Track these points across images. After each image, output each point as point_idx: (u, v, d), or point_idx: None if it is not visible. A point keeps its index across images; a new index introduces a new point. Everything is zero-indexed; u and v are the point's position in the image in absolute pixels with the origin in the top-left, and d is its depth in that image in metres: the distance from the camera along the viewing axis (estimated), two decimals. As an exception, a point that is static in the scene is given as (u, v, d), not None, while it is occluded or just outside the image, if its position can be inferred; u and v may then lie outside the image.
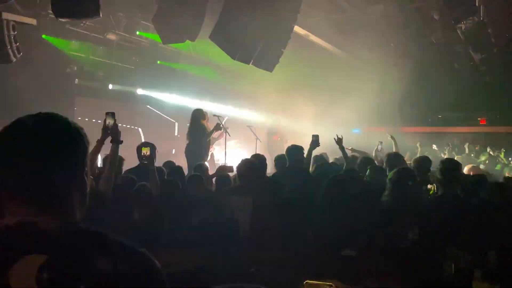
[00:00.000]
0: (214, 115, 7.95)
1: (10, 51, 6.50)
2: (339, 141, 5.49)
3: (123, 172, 5.01)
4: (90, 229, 1.02)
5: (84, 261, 0.93)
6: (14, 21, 6.72)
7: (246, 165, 4.09)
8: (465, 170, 5.72)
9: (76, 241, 0.97)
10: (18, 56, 6.76)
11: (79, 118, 10.51)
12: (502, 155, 9.97)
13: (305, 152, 5.15)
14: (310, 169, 5.28)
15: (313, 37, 11.17)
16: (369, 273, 2.88)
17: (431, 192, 4.25)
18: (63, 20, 5.49)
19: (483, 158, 10.04)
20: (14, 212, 0.99)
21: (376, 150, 6.54)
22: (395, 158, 5.22)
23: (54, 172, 1.01)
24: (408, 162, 5.67)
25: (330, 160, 6.47)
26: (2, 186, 1.02)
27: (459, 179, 3.57)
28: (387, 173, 3.98)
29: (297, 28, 9.30)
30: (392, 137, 7.08)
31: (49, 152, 1.01)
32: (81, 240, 0.98)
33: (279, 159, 5.28)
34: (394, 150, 6.69)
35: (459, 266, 2.38)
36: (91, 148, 3.54)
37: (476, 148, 12.39)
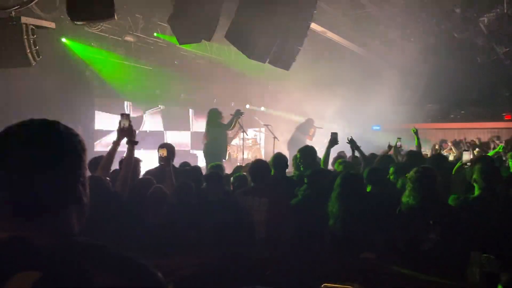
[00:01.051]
0: (231, 114, 7.92)
1: (29, 55, 6.57)
2: (351, 141, 5.38)
3: (142, 173, 5.03)
4: (87, 243, 0.96)
5: (80, 277, 0.88)
6: (33, 25, 6.81)
7: (258, 166, 4.04)
8: None
9: (72, 256, 0.91)
10: (38, 59, 6.84)
11: (99, 120, 10.68)
12: None
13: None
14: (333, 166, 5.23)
15: (330, 34, 11.04)
16: (389, 276, 2.79)
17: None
18: (79, 23, 5.53)
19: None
20: (6, 227, 0.94)
21: (395, 147, 6.34)
22: (415, 156, 5.10)
23: (46, 183, 0.96)
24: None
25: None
26: None
27: (498, 179, 3.46)
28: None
29: (314, 25, 9.20)
30: (414, 131, 6.69)
31: (40, 162, 0.96)
32: (77, 254, 0.92)
33: (296, 159, 5.22)
34: (415, 146, 6.49)
35: (485, 270, 2.27)
36: (104, 150, 3.54)
37: (501, 144, 12.04)
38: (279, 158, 4.55)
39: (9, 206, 0.95)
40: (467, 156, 4.41)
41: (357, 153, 5.50)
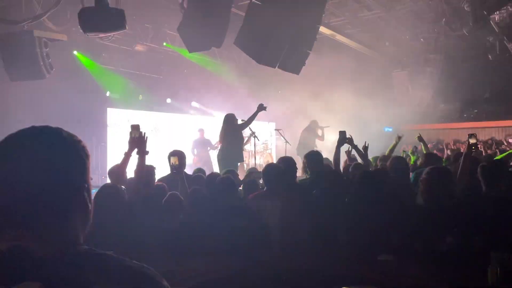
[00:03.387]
0: (242, 120, 7.88)
1: (43, 67, 6.72)
2: (350, 141, 5.24)
3: (156, 180, 5.04)
4: (90, 252, 0.94)
5: (81, 287, 0.86)
6: (46, 38, 6.94)
7: (271, 169, 4.02)
8: None
9: (74, 266, 0.89)
10: (51, 71, 6.97)
11: (111, 129, 10.79)
12: None
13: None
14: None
15: (339, 37, 11.03)
16: (408, 278, 2.76)
17: None
18: (91, 34, 5.62)
19: None
20: (7, 237, 0.91)
21: (413, 152, 6.35)
22: (433, 159, 5.07)
23: (48, 192, 0.94)
24: None
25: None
26: None
27: (503, 177, 3.43)
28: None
29: (323, 29, 9.21)
30: (420, 138, 6.67)
31: (41, 170, 0.93)
32: (79, 264, 0.90)
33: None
34: (424, 152, 6.45)
35: (506, 269, 2.23)
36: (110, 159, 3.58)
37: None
38: (287, 161, 4.49)
39: (10, 215, 0.93)
40: (473, 140, 4.31)
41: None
